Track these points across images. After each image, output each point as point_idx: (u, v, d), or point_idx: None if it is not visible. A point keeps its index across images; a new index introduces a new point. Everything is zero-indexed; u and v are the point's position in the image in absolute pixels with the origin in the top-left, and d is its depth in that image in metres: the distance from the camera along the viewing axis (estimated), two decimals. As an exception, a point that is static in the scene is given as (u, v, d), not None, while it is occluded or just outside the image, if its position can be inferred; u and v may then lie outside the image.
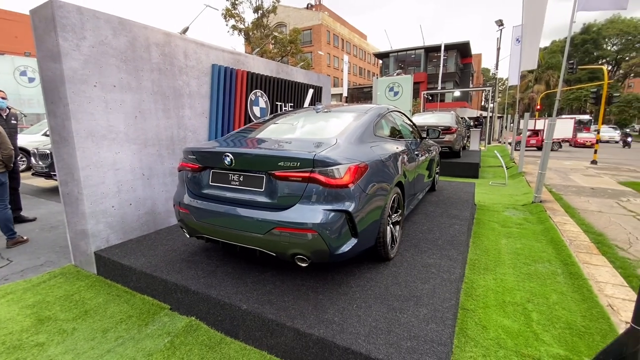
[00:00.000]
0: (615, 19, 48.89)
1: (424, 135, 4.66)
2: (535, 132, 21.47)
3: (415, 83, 21.43)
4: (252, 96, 5.03)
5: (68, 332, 2.38)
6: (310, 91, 6.61)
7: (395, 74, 14.18)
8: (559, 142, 22.01)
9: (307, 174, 2.13)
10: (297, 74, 6.21)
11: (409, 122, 4.27)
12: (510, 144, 16.62)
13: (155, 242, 3.40)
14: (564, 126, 23.55)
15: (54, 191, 7.19)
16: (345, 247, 2.22)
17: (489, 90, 16.35)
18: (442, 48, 23.43)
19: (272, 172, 2.23)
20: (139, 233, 3.61)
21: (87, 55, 3.00)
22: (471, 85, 42.74)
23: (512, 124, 20.25)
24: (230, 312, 2.25)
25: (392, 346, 1.81)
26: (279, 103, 5.67)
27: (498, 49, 26.32)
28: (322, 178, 2.11)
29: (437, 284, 2.50)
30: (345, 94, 23.59)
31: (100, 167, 3.18)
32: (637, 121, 49.08)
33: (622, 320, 2.59)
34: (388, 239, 2.73)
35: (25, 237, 4.17)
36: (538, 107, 26.67)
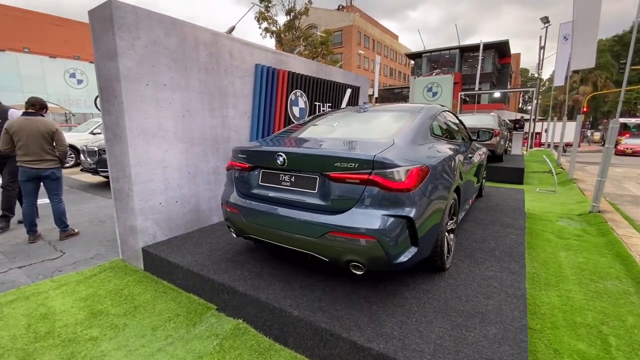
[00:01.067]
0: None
1: (474, 137, 4.37)
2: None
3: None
4: (292, 96, 4.98)
5: (120, 327, 2.40)
6: (348, 91, 6.48)
7: (434, 73, 13.71)
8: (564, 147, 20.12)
9: (365, 176, 2.00)
10: (335, 74, 6.10)
11: (459, 122, 4.02)
12: (556, 147, 15.56)
13: (199, 240, 3.40)
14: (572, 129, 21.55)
15: (100, 187, 7.57)
16: (405, 257, 2.06)
17: (532, 92, 15.38)
18: (481, 47, 22.43)
19: (327, 173, 2.12)
20: (183, 230, 3.64)
21: (141, 54, 3.06)
22: (509, 86, 40.70)
23: (553, 127, 18.92)
24: (280, 318, 2.16)
25: (464, 369, 1.63)
26: (317, 103, 5.59)
27: (542, 48, 24.79)
28: (382, 181, 1.97)
29: (502, 300, 2.27)
30: (376, 95, 23.21)
31: (150, 164, 3.24)
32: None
33: None
34: (445, 248, 2.54)
35: (76, 230, 4.36)
36: (585, 109, 24.86)
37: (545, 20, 19.08)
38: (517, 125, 13.47)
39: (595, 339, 2.33)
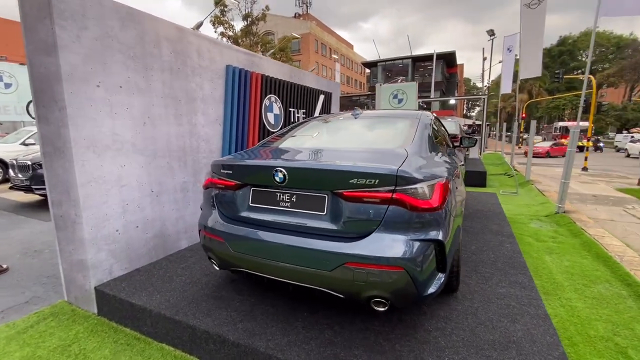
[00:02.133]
0: (589, 31, 51.29)
1: (456, 143, 4.31)
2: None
3: None
4: (266, 101, 4.57)
5: (68, 403, 1.81)
6: (321, 97, 6.20)
7: (399, 80, 14.05)
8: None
9: (388, 194, 1.68)
10: (308, 79, 5.79)
11: (445, 129, 3.91)
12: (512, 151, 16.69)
13: (168, 273, 2.84)
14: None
15: (35, 207, 6.43)
16: (434, 287, 1.77)
17: (483, 99, 16.49)
18: (434, 57, 23.67)
19: (340, 191, 1.77)
20: (146, 260, 3.04)
21: (90, 48, 2.48)
22: (456, 94, 43.59)
23: (505, 133, 20.44)
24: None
25: None
26: (292, 109, 5.22)
27: (484, 59, 26.92)
28: (407, 199, 1.67)
29: (528, 322, 2.08)
30: (337, 102, 23.33)
31: (103, 183, 2.63)
32: (610, 129, 51.28)
33: None
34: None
35: (4, 266, 3.51)
36: (523, 115, 27.30)
37: (491, 32, 20.68)
38: (472, 131, 14.23)
39: (617, 354, 2.23)
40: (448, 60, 38.03)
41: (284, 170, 1.86)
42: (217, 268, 2.29)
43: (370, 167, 1.73)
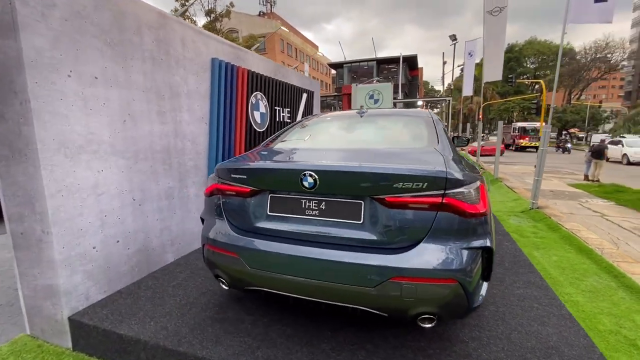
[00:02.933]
0: (532, 40, 56.03)
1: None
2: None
3: None
4: (252, 99, 4.25)
5: None
6: (304, 96, 5.97)
7: (374, 81, 14.17)
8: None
9: (438, 199, 1.52)
10: (292, 77, 5.54)
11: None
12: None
13: (158, 293, 2.47)
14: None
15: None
16: (481, 298, 1.64)
17: (448, 101, 17.26)
18: (401, 60, 24.36)
19: (381, 196, 1.58)
20: (128, 280, 2.63)
21: (58, 30, 2.06)
22: (418, 96, 45.41)
23: (469, 133, 21.54)
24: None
25: None
26: (277, 108, 4.94)
27: (444, 63, 28.28)
28: (458, 204, 1.52)
29: (557, 324, 2.04)
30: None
31: (76, 192, 2.21)
32: (552, 129, 56.34)
33: None
34: None
35: (-63, 295, 2.87)
36: (480, 116, 29.03)
37: (454, 37, 21.70)
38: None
39: (629, 347, 2.27)
40: (410, 63, 39.40)
41: (314, 174, 1.62)
42: (226, 287, 1.99)
43: (418, 169, 1.56)
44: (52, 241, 2.07)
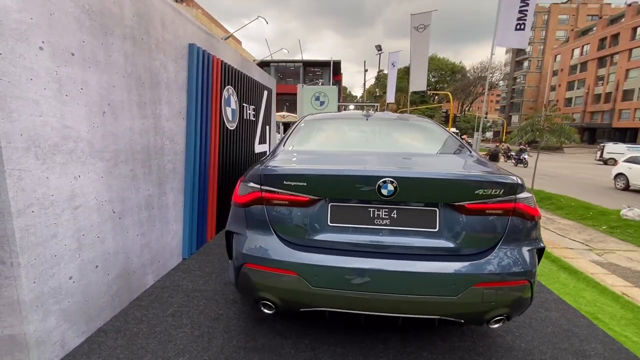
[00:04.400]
0: (433, 56, 64.13)
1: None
2: None
3: (295, 94, 22.06)
4: (225, 93, 3.82)
5: None
6: (265, 93, 5.66)
7: (320, 83, 14.17)
8: None
9: (511, 205, 1.59)
10: (255, 72, 5.18)
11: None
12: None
13: (155, 325, 2.01)
14: None
15: None
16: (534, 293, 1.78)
17: (376, 107, 18.52)
18: (331, 63, 25.13)
19: (460, 203, 1.57)
20: (110, 313, 2.07)
21: (27, -16, 1.50)
22: (341, 101, 47.69)
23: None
24: None
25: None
26: (245, 105, 4.55)
27: (365, 71, 30.33)
28: (526, 209, 1.61)
29: (584, 325, 2.31)
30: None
31: (50, 206, 1.64)
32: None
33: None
34: None
35: None
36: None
37: (379, 48, 23.33)
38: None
39: (596, 320, 2.75)
40: (335, 68, 41.02)
41: (395, 181, 1.52)
42: (270, 312, 1.73)
43: (497, 175, 1.60)
44: (19, 275, 1.50)
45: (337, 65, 39.80)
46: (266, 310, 1.73)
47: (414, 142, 2.42)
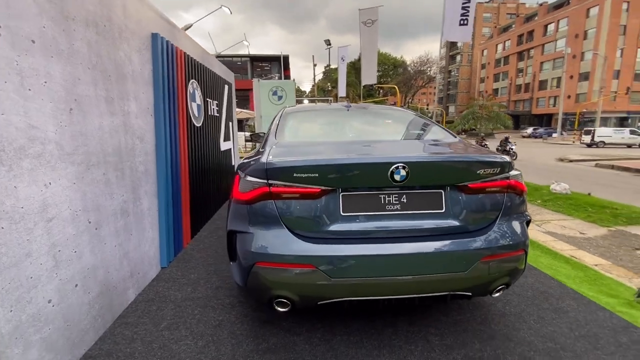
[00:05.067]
0: (379, 52, 66.63)
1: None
2: None
3: (244, 90, 21.42)
4: (190, 88, 3.57)
5: None
6: (226, 87, 5.40)
7: (276, 77, 13.76)
8: None
9: (505, 182, 1.73)
10: (215, 65, 4.90)
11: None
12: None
13: (151, 343, 1.83)
14: None
15: None
16: None
17: (330, 100, 18.74)
18: (282, 58, 24.82)
19: (463, 184, 1.66)
20: (93, 337, 1.84)
21: (-26, -46, 1.24)
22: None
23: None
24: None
25: None
26: (208, 100, 4.30)
27: (314, 65, 30.50)
28: (519, 185, 1.77)
29: (555, 286, 2.60)
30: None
31: (20, 220, 1.40)
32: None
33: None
34: None
35: None
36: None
37: (328, 43, 23.52)
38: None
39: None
40: (284, 62, 40.55)
41: (407, 167, 1.56)
42: (284, 310, 1.67)
43: (493, 156, 1.72)
44: (-8, 305, 1.26)
45: (286, 60, 39.40)
46: (280, 309, 1.68)
47: (405, 130, 2.50)
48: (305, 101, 21.04)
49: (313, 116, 2.68)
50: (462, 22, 7.00)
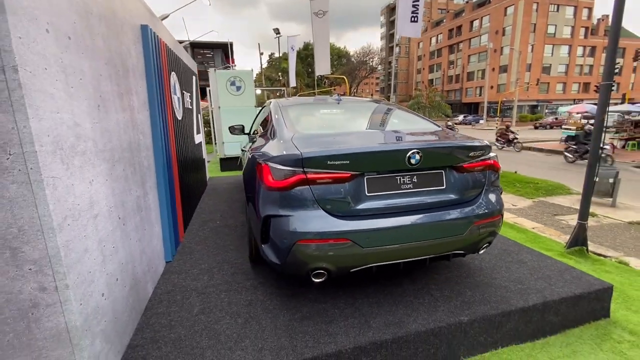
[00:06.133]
0: (322, 42, 66.91)
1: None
2: None
3: None
4: (171, 80, 3.49)
5: None
6: (194, 79, 5.25)
7: (232, 67, 13.08)
8: None
9: (488, 162, 2.16)
10: (183, 55, 4.74)
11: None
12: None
13: (192, 325, 1.94)
14: None
15: None
16: None
17: (283, 91, 18.61)
18: (231, 46, 23.66)
19: (458, 164, 2.06)
20: (131, 328, 1.89)
21: (23, -50, 1.23)
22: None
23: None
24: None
25: (573, 282, 2.35)
26: (184, 92, 4.20)
27: (261, 54, 29.88)
28: (496, 164, 2.22)
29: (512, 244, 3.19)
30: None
31: (79, 217, 1.43)
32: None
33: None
34: None
35: None
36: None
37: (277, 31, 23.13)
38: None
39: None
40: (226, 50, 38.76)
41: (420, 152, 1.89)
42: (321, 280, 1.92)
43: (479, 141, 2.13)
44: (68, 298, 1.31)
45: (231, 47, 37.70)
46: (317, 280, 1.93)
47: (399, 120, 2.84)
48: (258, 91, 20.64)
49: (312, 109, 2.89)
50: (412, 19, 7.60)
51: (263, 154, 2.16)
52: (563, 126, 19.73)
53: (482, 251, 2.26)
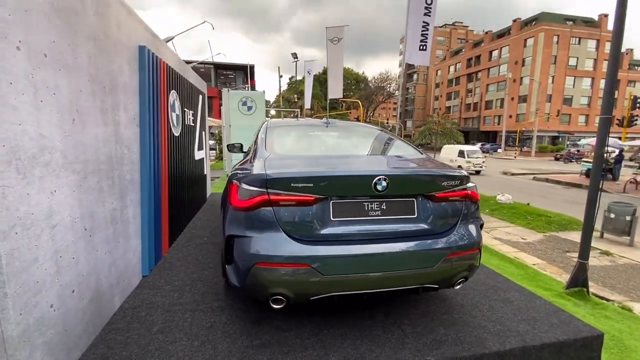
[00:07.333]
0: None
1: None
2: None
3: (208, 97, 21.24)
4: (170, 98, 3.63)
5: None
6: (201, 97, 5.45)
7: (246, 87, 13.66)
8: None
9: (464, 192, 2.08)
10: (190, 75, 4.96)
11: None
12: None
13: (147, 346, 1.90)
14: None
15: None
16: None
17: (297, 112, 19.09)
18: (249, 68, 24.78)
19: (432, 193, 1.99)
20: (85, 342, 1.87)
21: (2, -24, 1.33)
22: (255, 104, 47.13)
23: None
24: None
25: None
26: (185, 110, 4.35)
27: (280, 76, 30.96)
28: (473, 194, 2.14)
29: (502, 280, 3.03)
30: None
31: (31, 226, 1.45)
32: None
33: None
34: None
35: None
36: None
37: (295, 56, 24.00)
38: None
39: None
40: (246, 72, 40.35)
41: (387, 178, 1.85)
42: (279, 307, 1.85)
43: (454, 170, 2.07)
44: (6, 307, 1.31)
45: (252, 69, 39.27)
46: (276, 306, 1.86)
47: (380, 146, 2.82)
48: (272, 112, 21.25)
49: (297, 131, 2.92)
50: (421, 47, 7.71)
51: (236, 173, 2.17)
52: (583, 159, 19.09)
53: (457, 286, 2.14)
